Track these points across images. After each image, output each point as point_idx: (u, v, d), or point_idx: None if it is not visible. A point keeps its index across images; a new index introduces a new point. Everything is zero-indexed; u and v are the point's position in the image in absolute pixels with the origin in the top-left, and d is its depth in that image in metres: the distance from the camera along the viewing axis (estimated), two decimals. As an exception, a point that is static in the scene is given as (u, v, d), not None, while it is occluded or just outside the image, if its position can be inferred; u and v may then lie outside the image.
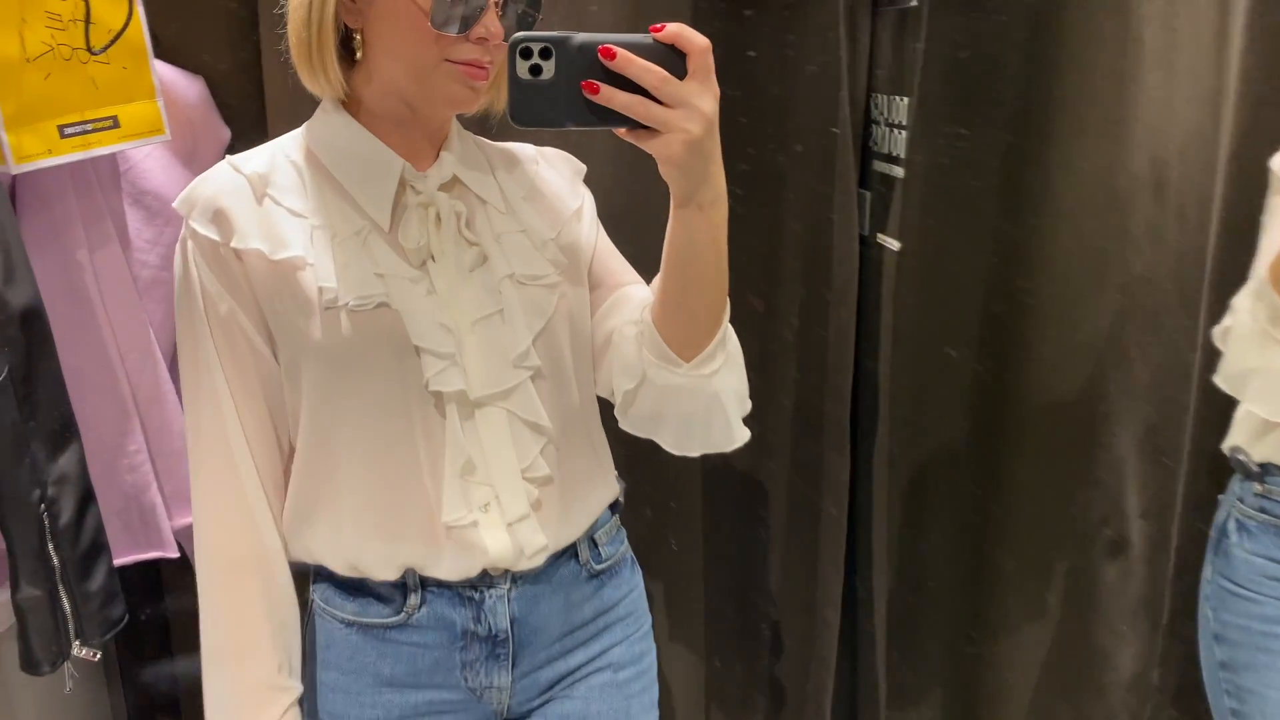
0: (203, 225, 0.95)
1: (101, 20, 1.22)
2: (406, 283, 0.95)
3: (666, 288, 0.93)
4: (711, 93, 0.82)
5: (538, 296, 1.00)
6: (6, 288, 0.99)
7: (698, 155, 0.83)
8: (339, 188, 0.98)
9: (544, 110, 0.81)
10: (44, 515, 1.02)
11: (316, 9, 0.93)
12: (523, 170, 1.08)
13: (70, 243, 1.29)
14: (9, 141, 1.13)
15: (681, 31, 0.81)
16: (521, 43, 0.80)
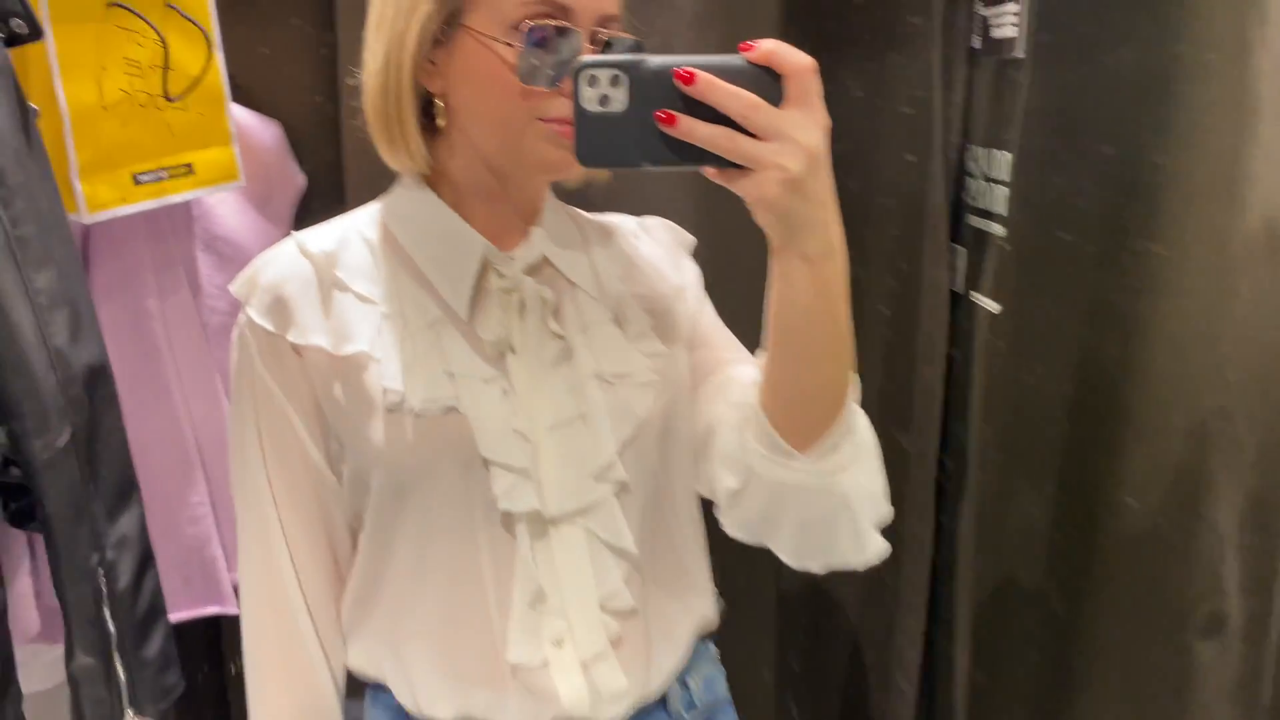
0: (260, 314, 0.87)
1: (180, 66, 1.20)
2: (479, 383, 0.85)
3: (773, 361, 0.79)
4: (816, 122, 0.68)
5: (628, 397, 0.89)
6: (72, 346, 0.96)
7: (798, 197, 0.69)
8: (416, 271, 0.89)
9: (615, 147, 0.70)
10: (102, 580, 0.99)
11: (394, 75, 0.84)
12: (620, 246, 0.97)
13: (140, 290, 1.27)
14: (83, 191, 1.11)
15: (777, 50, 0.68)
16: (587, 68, 0.69)
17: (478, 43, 0.82)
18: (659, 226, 1.02)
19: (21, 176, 0.93)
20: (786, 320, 0.76)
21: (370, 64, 0.87)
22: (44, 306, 0.93)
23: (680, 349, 0.94)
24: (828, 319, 0.75)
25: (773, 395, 0.80)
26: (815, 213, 0.71)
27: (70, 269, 0.97)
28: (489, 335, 0.87)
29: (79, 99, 1.10)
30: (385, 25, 0.85)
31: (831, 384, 0.79)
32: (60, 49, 1.07)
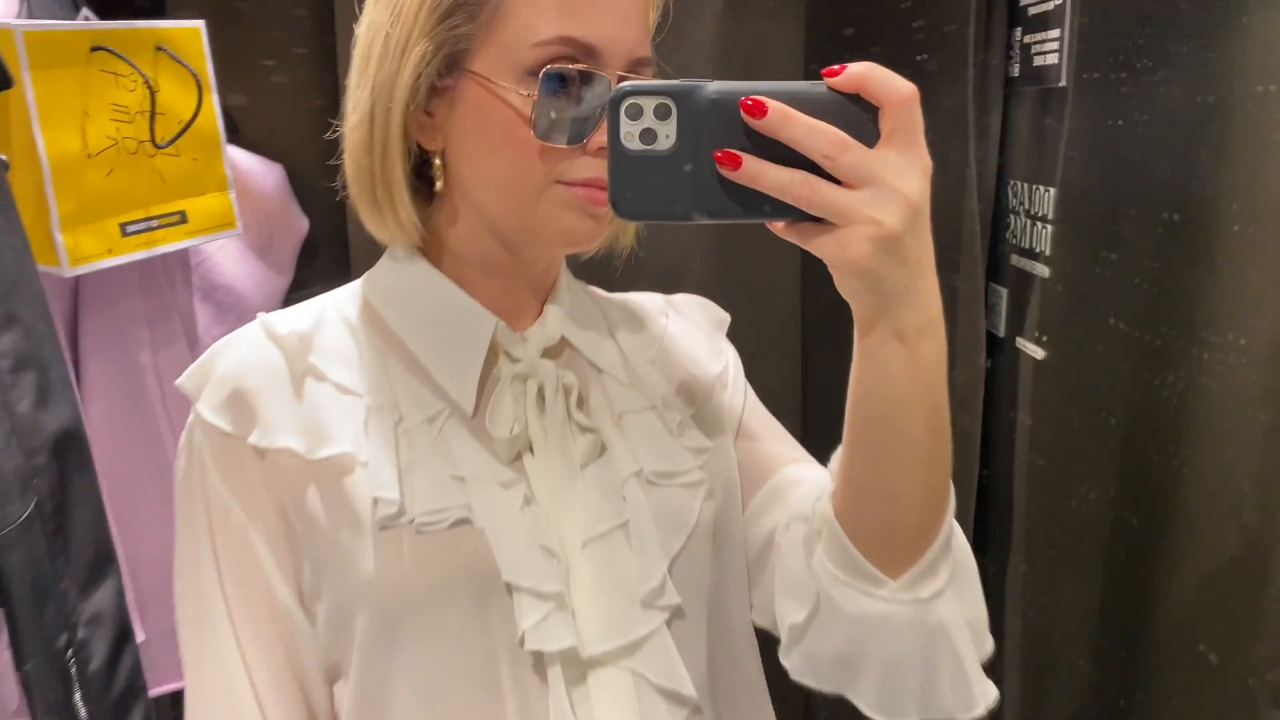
0: (215, 412, 0.71)
1: (170, 110, 1.15)
2: (496, 489, 0.70)
3: (855, 461, 0.65)
4: (918, 165, 0.55)
5: (675, 501, 0.74)
6: (39, 411, 0.90)
7: (893, 259, 0.55)
8: (407, 355, 0.74)
9: (660, 195, 0.55)
10: (71, 663, 0.92)
11: (380, 128, 0.71)
12: (649, 327, 0.84)
13: (133, 343, 1.22)
14: (64, 243, 1.06)
15: (869, 75, 0.54)
16: (628, 97, 0.55)
17: (485, 91, 0.68)
18: (690, 304, 0.89)
19: (-15, 233, 0.87)
20: (874, 411, 0.62)
21: (352, 115, 0.72)
22: (6, 370, 0.88)
23: (726, 443, 0.81)
24: (925, 410, 0.61)
25: (853, 504, 0.66)
26: (913, 279, 0.57)
27: (39, 328, 0.92)
28: (501, 431, 0.72)
29: (60, 147, 1.05)
30: (371, 68, 0.71)
31: (928, 491, 0.64)
32: (39, 95, 1.02)
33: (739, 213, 0.56)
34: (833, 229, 0.55)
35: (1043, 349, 1.32)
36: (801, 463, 0.81)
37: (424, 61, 0.68)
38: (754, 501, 0.79)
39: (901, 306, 0.58)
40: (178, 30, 1.15)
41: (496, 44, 0.68)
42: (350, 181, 0.74)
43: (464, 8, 0.68)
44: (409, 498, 0.69)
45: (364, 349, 0.74)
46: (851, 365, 0.63)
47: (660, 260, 1.36)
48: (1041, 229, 1.32)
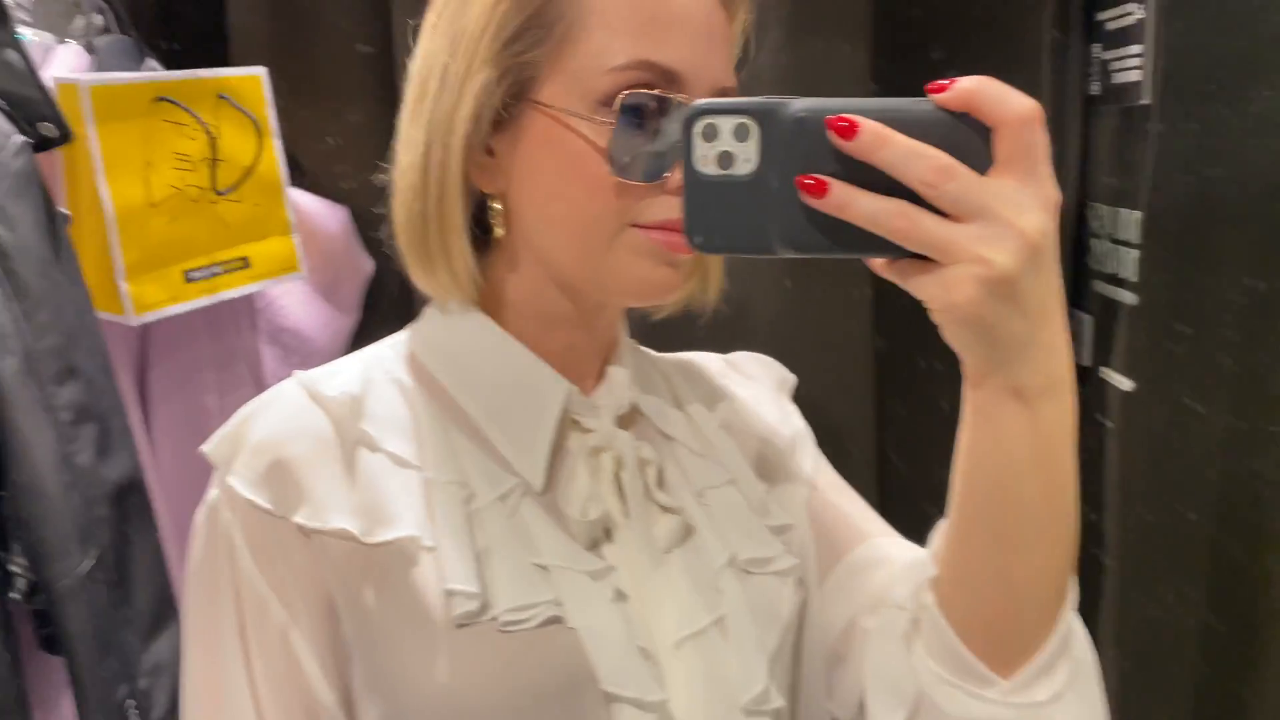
0: (251, 486, 0.61)
1: (231, 157, 1.16)
2: (585, 580, 0.62)
3: (963, 540, 0.57)
4: (1039, 197, 0.47)
5: (769, 592, 0.67)
6: (100, 463, 0.90)
7: (1008, 305, 0.48)
8: (467, 424, 0.66)
9: (739, 226, 0.50)
10: (133, 713, 0.92)
11: (437, 170, 0.63)
12: (710, 390, 0.76)
13: (198, 388, 1.23)
14: (129, 292, 1.07)
15: (980, 90, 0.47)
16: (702, 116, 0.50)
17: (553, 123, 0.61)
18: (752, 363, 0.82)
19: (46, 286, 0.89)
20: (986, 481, 0.54)
21: (404, 155, 0.65)
22: (67, 422, 0.88)
23: (802, 517, 0.74)
24: (1047, 481, 0.53)
25: (960, 591, 0.58)
26: (1033, 329, 0.49)
27: (100, 380, 0.93)
28: (579, 512, 0.64)
29: (124, 198, 1.06)
30: (427, 103, 0.64)
31: (1046, 577, 0.56)
32: (104, 147, 1.04)
33: (826, 246, 0.50)
34: (936, 268, 0.48)
35: (1130, 380, 1.25)
36: (882, 537, 0.73)
37: (487, 92, 0.61)
38: (829, 581, 0.72)
39: (1018, 361, 0.50)
40: (239, 78, 1.16)
41: (566, 70, 0.61)
42: (399, 229, 0.66)
43: (531, 31, 0.61)
44: (490, 590, 0.60)
45: (421, 415, 0.66)
46: (960, 424, 0.55)
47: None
48: (1126, 253, 1.25)
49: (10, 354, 0.85)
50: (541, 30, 0.61)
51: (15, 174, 0.87)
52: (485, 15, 0.61)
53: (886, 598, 0.65)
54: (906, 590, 0.63)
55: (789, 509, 0.73)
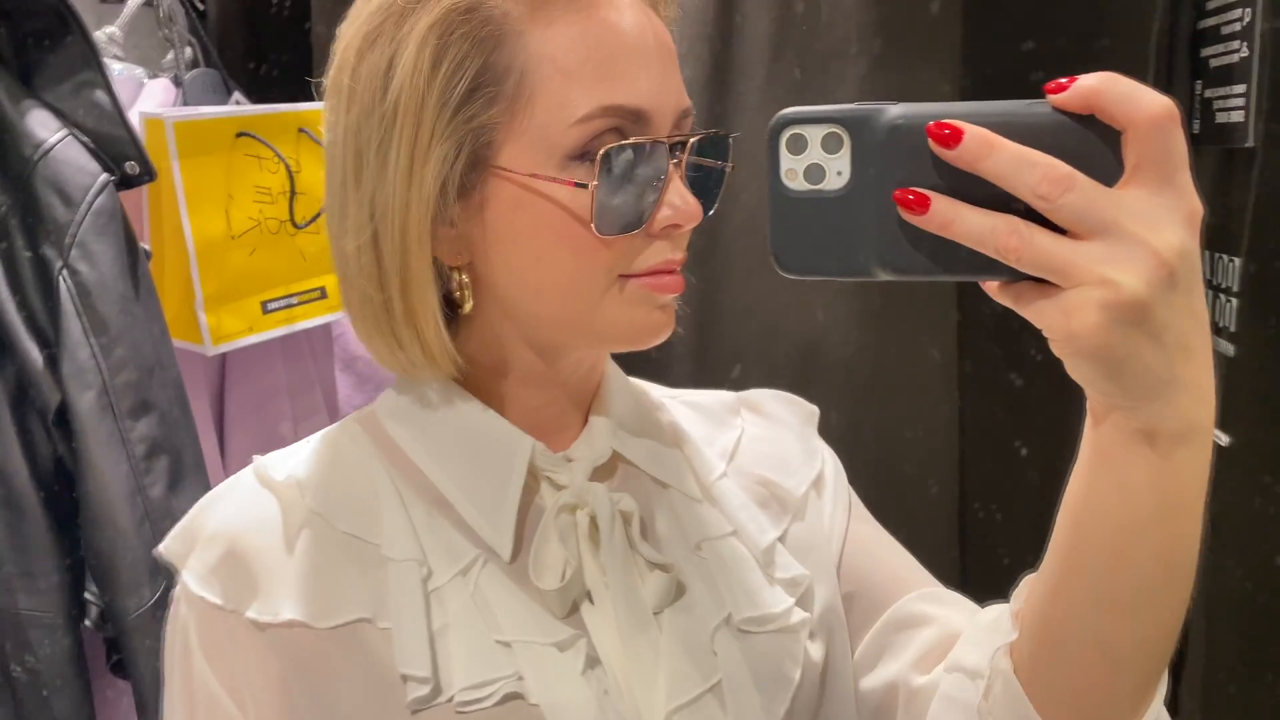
0: (201, 581, 0.59)
1: (311, 190, 1.17)
2: (550, 653, 0.58)
3: (1058, 598, 0.51)
4: (1178, 211, 0.41)
5: (775, 652, 0.62)
6: (172, 495, 0.92)
7: (1139, 335, 0.41)
8: (431, 492, 0.62)
9: (831, 246, 0.45)
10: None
11: (394, 253, 0.57)
12: (720, 429, 0.72)
13: (274, 415, 1.24)
14: (208, 323, 1.09)
15: (1107, 87, 0.41)
16: (789, 126, 0.45)
17: (521, 189, 0.56)
18: (770, 400, 0.76)
19: (125, 322, 0.90)
20: (1101, 536, 0.48)
21: (349, 241, 0.58)
22: (141, 456, 0.90)
23: (828, 566, 0.69)
24: (1171, 542, 0.47)
25: (1050, 658, 0.52)
26: (1170, 364, 0.42)
27: (174, 414, 0.94)
28: (549, 581, 0.59)
29: (205, 230, 1.08)
30: (366, 184, 0.57)
31: (1153, 648, 0.50)
32: (187, 182, 1.06)
33: (929, 268, 0.44)
34: (1054, 292, 0.42)
35: (1228, 435, 1.19)
36: (926, 588, 0.67)
37: (445, 164, 0.56)
38: (867, 639, 0.67)
39: (1153, 400, 0.43)
40: (319, 112, 1.17)
41: (527, 129, 0.56)
42: (356, 317, 0.61)
43: (481, 91, 0.55)
44: (444, 670, 0.57)
45: (381, 490, 0.62)
46: (1075, 472, 0.48)
47: (793, 329, 1.30)
48: (1226, 302, 1.19)
49: (89, 388, 0.87)
50: (492, 88, 0.56)
51: (98, 211, 0.89)
52: (423, 81, 0.55)
53: (957, 661, 0.59)
54: (981, 655, 0.57)
55: (808, 557, 0.67)
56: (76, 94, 0.92)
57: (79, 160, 0.90)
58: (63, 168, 0.88)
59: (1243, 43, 1.10)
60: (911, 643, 0.64)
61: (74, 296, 0.87)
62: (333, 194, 0.60)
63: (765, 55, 1.28)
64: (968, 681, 0.57)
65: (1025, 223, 0.42)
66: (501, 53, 0.55)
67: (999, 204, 0.42)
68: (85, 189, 0.89)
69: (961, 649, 0.59)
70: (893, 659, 0.65)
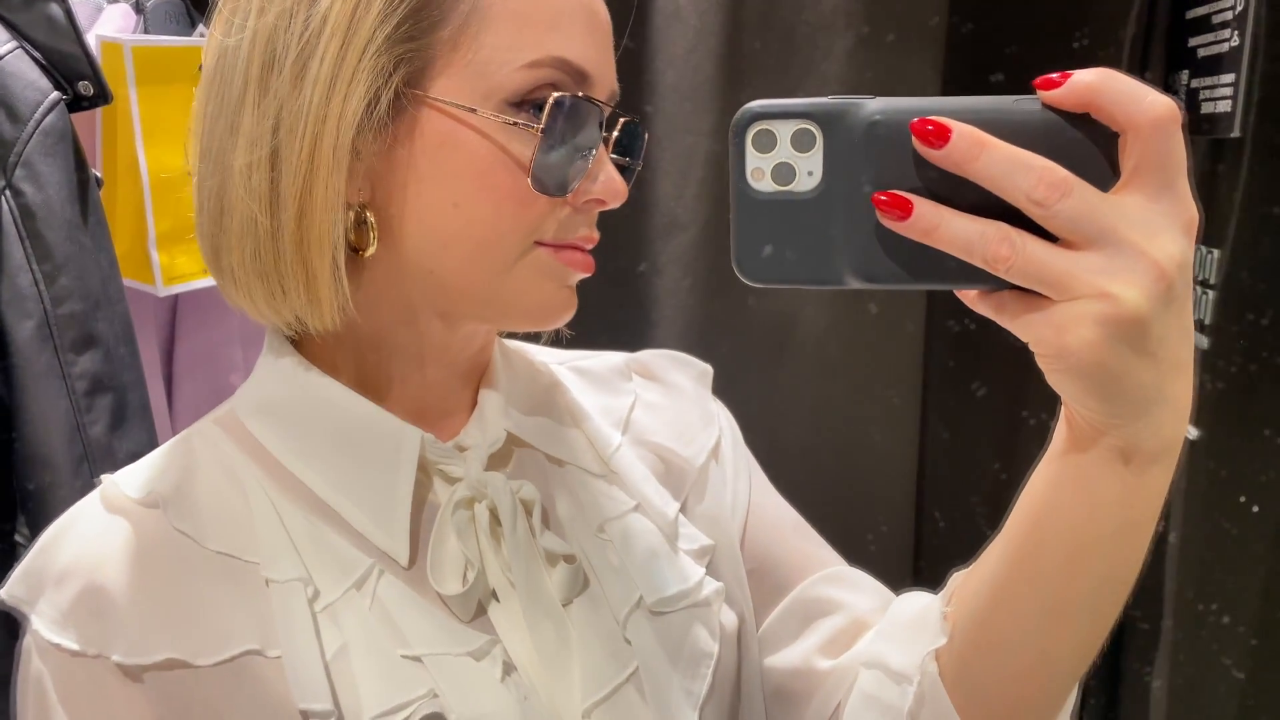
0: (54, 626, 0.52)
1: (276, 131, 1.12)
2: (466, 664, 0.53)
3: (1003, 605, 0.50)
4: (1177, 218, 0.39)
5: (689, 629, 0.59)
6: (114, 435, 0.87)
7: (1133, 353, 0.39)
8: (309, 498, 0.56)
9: (800, 253, 0.42)
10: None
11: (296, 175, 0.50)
12: (612, 397, 0.67)
13: (226, 364, 1.19)
14: (160, 261, 1.04)
15: (1104, 85, 0.38)
16: (756, 121, 0.41)
17: (454, 123, 0.51)
18: (662, 361, 0.71)
19: (71, 250, 0.85)
20: (1063, 550, 0.46)
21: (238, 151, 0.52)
22: (82, 392, 0.85)
23: (730, 533, 0.65)
24: (1126, 556, 0.46)
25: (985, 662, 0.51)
26: (1161, 382, 0.40)
27: (120, 351, 0.89)
28: (449, 586, 0.54)
29: (162, 164, 1.03)
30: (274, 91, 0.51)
31: (1086, 654, 0.50)
32: (144, 111, 1.01)
33: (907, 277, 0.41)
34: (1045, 305, 0.39)
35: (1196, 428, 1.18)
36: (829, 567, 0.65)
37: (378, 83, 0.50)
38: (772, 618, 0.64)
39: (1140, 420, 0.41)
40: (289, 49, 1.13)
41: (467, 64, 0.51)
42: (225, 248, 0.53)
43: (428, 11, 0.51)
44: (348, 697, 0.51)
45: (254, 500, 0.55)
46: (1037, 478, 0.47)
47: (766, 305, 1.28)
48: (1203, 294, 1.19)
49: (28, 317, 0.82)
50: (439, 11, 0.51)
51: (47, 131, 0.84)
52: None
53: (878, 658, 0.57)
54: (907, 658, 0.55)
55: (712, 527, 0.64)
56: (29, 6, 0.86)
57: (29, 75, 0.84)
58: (11, 81, 0.83)
59: (1234, 31, 1.09)
60: (818, 629, 0.62)
61: (16, 219, 0.82)
62: (222, 102, 0.53)
63: (755, 23, 1.25)
64: (891, 683, 0.55)
65: (1017, 230, 0.39)
66: None
67: (987, 209, 0.39)
68: (34, 105, 0.84)
69: (883, 645, 0.57)
70: (799, 643, 0.63)
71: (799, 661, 0.62)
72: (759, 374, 1.29)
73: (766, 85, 1.25)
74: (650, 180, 1.26)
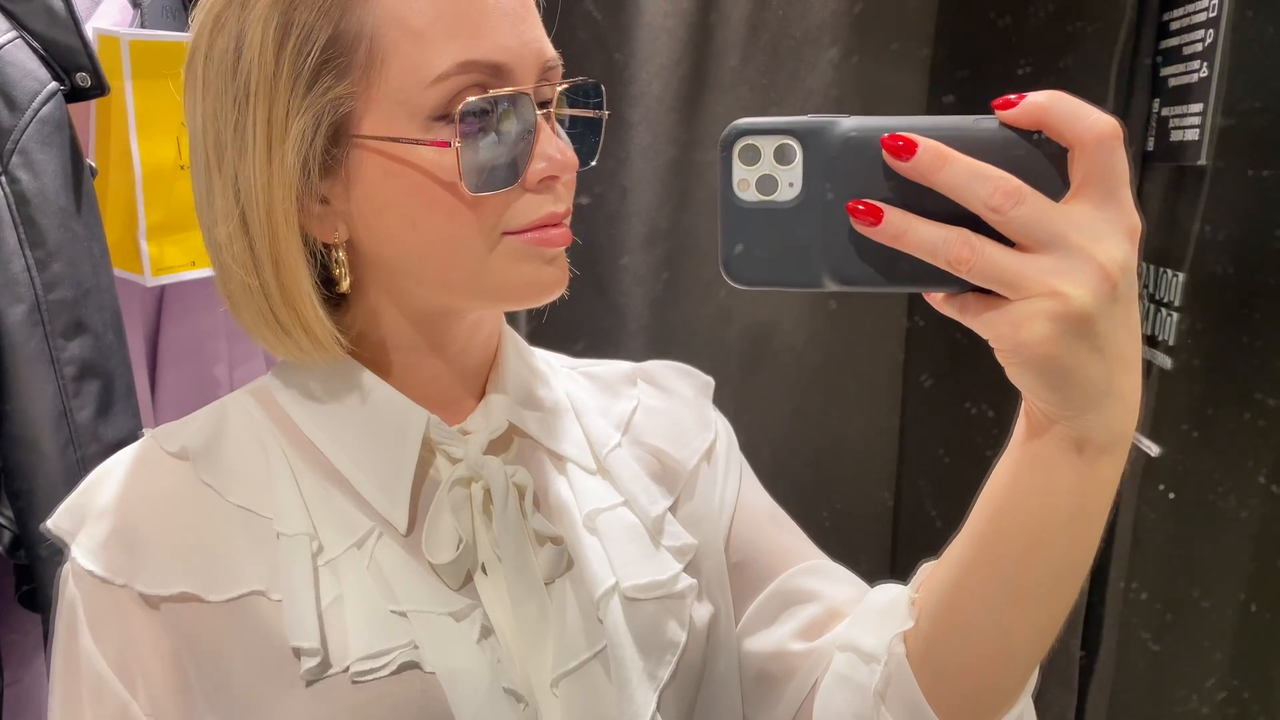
0: (90, 555, 0.58)
1: (268, 128, 1.14)
2: (446, 623, 0.59)
3: (966, 589, 0.53)
4: (1120, 225, 0.43)
5: (660, 619, 0.63)
6: (99, 422, 0.89)
7: (1083, 347, 0.43)
8: (325, 465, 0.62)
9: (782, 257, 0.46)
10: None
11: (263, 236, 0.56)
12: (616, 400, 0.72)
13: (210, 356, 1.21)
14: (149, 252, 1.05)
15: (1054, 105, 0.43)
16: (742, 137, 0.46)
17: (386, 157, 0.56)
18: (666, 371, 0.76)
19: (64, 237, 0.87)
20: (1020, 535, 0.50)
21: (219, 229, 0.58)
22: (71, 377, 0.87)
23: (715, 534, 0.70)
24: (1080, 541, 0.49)
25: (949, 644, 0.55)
26: (1110, 376, 0.44)
27: (108, 338, 0.91)
28: (441, 554, 0.60)
29: (155, 157, 1.05)
30: (227, 170, 0.57)
31: (1045, 637, 0.53)
32: (139, 105, 1.02)
33: (880, 280, 0.45)
34: (1003, 304, 0.43)
35: (1158, 445, 1.21)
36: (812, 560, 0.69)
37: (304, 141, 0.55)
38: (753, 606, 0.68)
39: (1091, 411, 0.45)
40: (283, 48, 1.15)
41: (384, 95, 0.55)
42: (235, 307, 0.60)
43: (332, 63, 0.54)
44: (337, 642, 0.56)
45: (275, 463, 0.61)
46: (999, 469, 0.51)
47: (746, 314, 1.30)
48: (1166, 316, 1.22)
49: (19, 302, 0.84)
50: (344, 58, 0.55)
51: (44, 120, 0.86)
52: (271, 57, 0.54)
53: (851, 641, 0.61)
54: (877, 639, 0.59)
55: (699, 528, 0.68)
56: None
57: (28, 65, 0.86)
58: (10, 70, 0.85)
59: (1203, 63, 1.12)
60: (796, 615, 0.66)
61: (11, 205, 0.84)
62: (199, 182, 0.59)
63: (741, 37, 1.28)
64: (861, 663, 0.59)
65: (977, 235, 0.43)
66: (349, 20, 0.54)
67: (950, 216, 0.44)
68: (32, 95, 0.85)
69: (855, 629, 0.61)
70: (777, 628, 0.67)
71: (777, 646, 0.66)
72: (738, 381, 1.32)
73: (750, 98, 1.28)
74: (634, 189, 1.28)
